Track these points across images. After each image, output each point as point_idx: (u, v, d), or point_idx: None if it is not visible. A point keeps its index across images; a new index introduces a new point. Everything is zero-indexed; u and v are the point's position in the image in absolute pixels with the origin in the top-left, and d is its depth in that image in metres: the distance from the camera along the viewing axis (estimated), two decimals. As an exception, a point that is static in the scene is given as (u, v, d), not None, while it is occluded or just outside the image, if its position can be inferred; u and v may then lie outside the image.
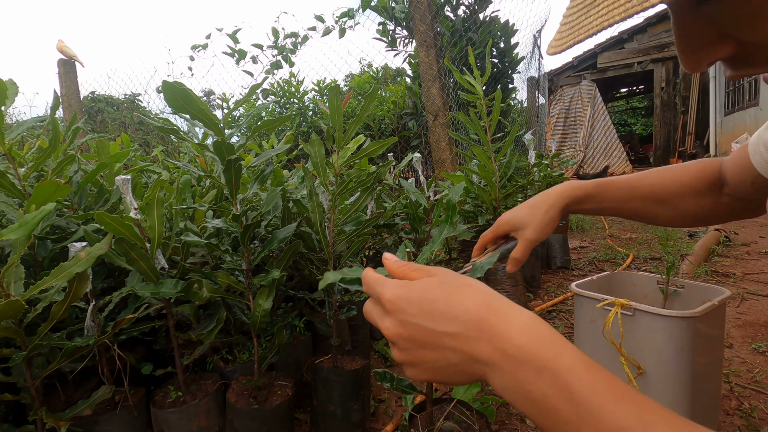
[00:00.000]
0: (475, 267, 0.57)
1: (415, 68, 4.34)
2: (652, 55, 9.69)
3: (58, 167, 0.97)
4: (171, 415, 0.90)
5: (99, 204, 1.08)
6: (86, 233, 0.86)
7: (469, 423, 0.76)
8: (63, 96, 3.37)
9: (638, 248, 2.85)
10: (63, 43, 3.35)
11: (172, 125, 0.85)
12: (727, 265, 2.36)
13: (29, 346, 0.72)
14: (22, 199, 0.90)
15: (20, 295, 0.70)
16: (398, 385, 0.79)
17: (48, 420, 0.75)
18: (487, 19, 4.12)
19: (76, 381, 0.97)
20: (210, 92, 6.64)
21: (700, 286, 1.02)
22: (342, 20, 4.24)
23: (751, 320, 1.64)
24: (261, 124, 0.85)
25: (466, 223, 1.93)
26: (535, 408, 0.31)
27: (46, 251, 0.93)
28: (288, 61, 4.50)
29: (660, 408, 0.28)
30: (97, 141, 1.10)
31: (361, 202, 1.00)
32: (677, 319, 0.84)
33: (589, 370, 0.30)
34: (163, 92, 0.70)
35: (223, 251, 0.91)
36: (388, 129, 4.73)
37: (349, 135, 0.89)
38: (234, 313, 0.99)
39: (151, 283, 0.85)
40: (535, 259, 2.03)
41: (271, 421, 0.92)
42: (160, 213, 0.84)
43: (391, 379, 0.79)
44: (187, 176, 1.13)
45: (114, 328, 0.79)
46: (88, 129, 5.51)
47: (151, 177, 1.47)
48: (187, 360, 0.96)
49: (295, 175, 1.56)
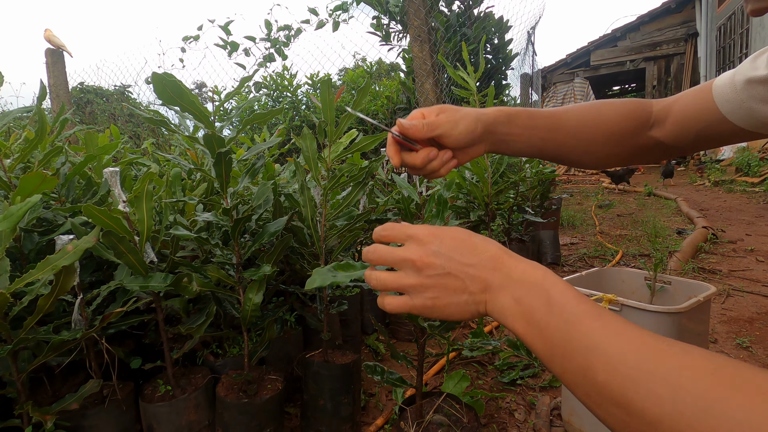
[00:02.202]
0: None
1: (409, 63, 4.33)
2: (645, 54, 9.76)
3: (44, 159, 0.95)
4: (160, 409, 0.90)
5: (87, 196, 1.06)
6: (73, 226, 0.85)
7: (458, 416, 0.77)
8: (51, 86, 3.31)
9: (628, 245, 2.89)
10: (51, 33, 3.28)
11: (162, 117, 0.84)
12: (714, 262, 2.40)
13: (15, 339, 0.71)
14: (8, 190, 0.89)
15: (5, 288, 0.69)
16: (388, 378, 0.79)
17: (34, 414, 0.74)
18: (481, 14, 4.11)
19: (64, 375, 0.96)
20: (202, 84, 6.56)
21: (686, 283, 1.04)
22: (336, 13, 4.20)
23: (735, 316, 1.68)
24: (252, 117, 0.84)
25: (459, 219, 1.93)
26: (523, 319, 0.38)
27: (32, 244, 0.91)
28: (281, 54, 4.46)
29: (613, 315, 0.35)
30: (86, 132, 1.09)
31: (353, 197, 1.00)
32: (663, 314, 0.85)
33: (565, 288, 0.38)
34: (153, 84, 0.69)
35: (214, 245, 0.90)
36: (381, 124, 4.71)
37: (342, 129, 0.88)
38: (224, 307, 0.99)
39: (140, 276, 0.84)
40: (527, 255, 2.05)
41: (261, 415, 0.92)
42: (149, 206, 0.83)
43: (381, 372, 0.80)
44: (177, 169, 1.12)
45: (102, 322, 0.78)
46: (77, 120, 5.42)
47: (141, 169, 1.45)
48: (177, 354, 0.96)
49: (287, 169, 1.56)
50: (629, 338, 0.32)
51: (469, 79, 1.65)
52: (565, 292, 0.37)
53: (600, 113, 0.67)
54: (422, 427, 0.74)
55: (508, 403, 1.22)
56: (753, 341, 1.47)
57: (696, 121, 0.60)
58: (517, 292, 0.39)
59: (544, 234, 2.48)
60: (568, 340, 0.34)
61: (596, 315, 0.35)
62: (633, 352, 0.31)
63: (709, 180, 6.04)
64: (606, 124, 0.66)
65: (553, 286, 0.38)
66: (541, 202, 2.33)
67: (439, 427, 0.74)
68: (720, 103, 0.57)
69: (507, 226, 2.05)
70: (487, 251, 0.42)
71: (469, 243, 0.42)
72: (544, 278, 0.39)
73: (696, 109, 0.60)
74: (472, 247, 0.42)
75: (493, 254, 0.41)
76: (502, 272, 0.40)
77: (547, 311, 0.37)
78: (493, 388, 1.30)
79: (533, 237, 2.41)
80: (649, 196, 5.32)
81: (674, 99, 0.65)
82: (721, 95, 0.57)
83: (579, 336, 0.34)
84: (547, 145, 0.66)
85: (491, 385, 1.32)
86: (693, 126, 0.61)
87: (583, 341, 0.34)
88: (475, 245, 0.42)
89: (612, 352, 0.32)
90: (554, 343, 0.35)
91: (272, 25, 4.36)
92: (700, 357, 0.30)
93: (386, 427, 1.11)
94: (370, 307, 1.62)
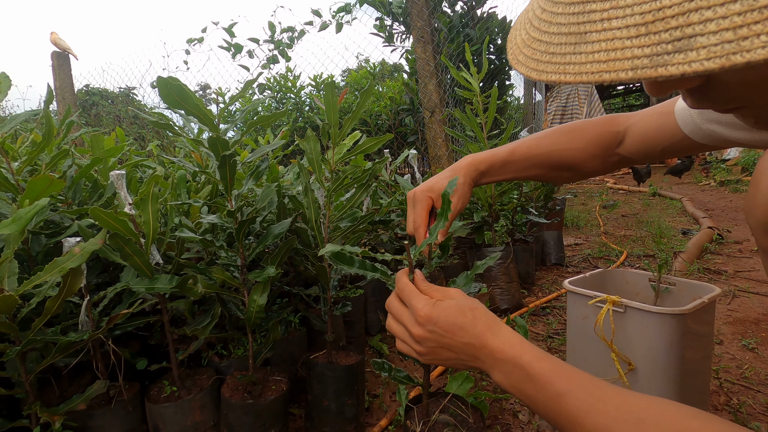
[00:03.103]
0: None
1: (412, 64, 4.33)
2: (649, 53, 9.68)
3: (51, 162, 0.96)
4: (166, 410, 0.90)
5: (93, 199, 1.07)
6: (80, 228, 0.86)
7: (464, 416, 0.77)
8: (57, 89, 3.34)
9: (632, 246, 2.88)
10: (57, 36, 3.31)
11: (167, 120, 0.85)
12: (720, 263, 2.39)
13: (23, 341, 0.72)
14: (16, 193, 0.90)
15: (14, 290, 0.70)
16: (396, 375, 0.80)
17: (42, 414, 0.75)
18: (484, 15, 4.11)
19: (71, 376, 0.97)
20: (206, 86, 6.60)
21: (691, 284, 1.04)
22: (339, 15, 4.22)
23: (741, 317, 1.67)
24: (257, 119, 0.85)
25: (462, 220, 1.93)
26: (515, 391, 0.47)
27: (40, 246, 0.92)
28: (284, 56, 4.47)
29: (581, 376, 0.43)
30: (92, 135, 1.10)
31: (356, 199, 1.00)
32: (667, 315, 0.85)
33: (540, 360, 0.45)
34: (158, 88, 0.70)
35: (218, 247, 0.91)
36: (384, 125, 4.72)
37: (345, 131, 0.89)
38: (229, 308, 0.99)
39: (145, 278, 0.85)
40: (530, 256, 2.04)
41: (265, 415, 0.93)
42: (154, 208, 0.84)
43: (389, 369, 0.80)
44: (182, 171, 1.12)
45: (108, 323, 0.79)
46: (83, 123, 5.46)
47: (146, 172, 1.46)
48: (182, 355, 0.96)
49: (291, 171, 1.56)
50: (606, 413, 0.39)
51: (472, 80, 1.65)
52: (543, 366, 0.45)
53: (570, 136, 0.75)
54: (428, 426, 0.74)
55: (512, 404, 1.22)
56: (759, 342, 1.46)
57: (661, 139, 0.67)
58: (504, 369, 0.47)
59: (548, 235, 2.47)
60: (557, 412, 0.43)
61: (570, 389, 0.42)
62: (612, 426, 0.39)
63: (714, 180, 5.99)
64: (576, 153, 0.75)
65: (530, 364, 0.45)
66: (544, 202, 2.32)
67: (445, 427, 0.74)
68: (682, 125, 0.63)
69: (511, 227, 2.05)
70: (474, 329, 0.50)
71: (460, 323, 0.51)
72: (521, 356, 0.46)
73: (661, 130, 0.66)
74: (462, 328, 0.50)
75: (479, 332, 0.50)
76: (486, 351, 0.49)
77: (533, 387, 0.45)
78: (497, 389, 1.30)
79: (537, 238, 2.40)
80: (654, 196, 5.30)
81: (637, 119, 0.71)
82: (681, 118, 0.63)
83: (565, 412, 0.42)
84: (525, 177, 0.80)
85: (495, 387, 1.32)
86: (659, 143, 0.67)
87: (570, 416, 0.41)
88: (464, 327, 0.50)
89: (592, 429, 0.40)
90: (545, 413, 0.44)
91: (276, 27, 4.38)
92: (674, 423, 0.37)
93: (390, 428, 1.11)
94: (374, 309, 1.63)
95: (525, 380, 0.45)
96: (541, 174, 0.79)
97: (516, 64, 0.31)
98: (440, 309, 0.52)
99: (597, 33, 0.24)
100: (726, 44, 0.20)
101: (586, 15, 0.25)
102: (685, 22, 0.21)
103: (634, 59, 0.23)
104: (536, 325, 1.70)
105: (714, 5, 0.21)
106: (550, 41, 0.28)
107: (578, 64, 0.25)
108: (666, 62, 0.22)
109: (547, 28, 0.28)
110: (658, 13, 0.22)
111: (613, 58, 0.23)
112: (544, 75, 0.28)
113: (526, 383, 0.45)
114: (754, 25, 0.20)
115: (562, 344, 1.51)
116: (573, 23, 0.26)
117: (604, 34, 0.24)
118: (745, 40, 0.20)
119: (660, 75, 0.22)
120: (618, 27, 0.23)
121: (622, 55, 0.23)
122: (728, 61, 0.20)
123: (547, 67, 0.28)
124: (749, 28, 0.20)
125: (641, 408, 0.38)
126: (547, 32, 0.28)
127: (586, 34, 0.25)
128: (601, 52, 0.24)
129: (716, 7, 0.20)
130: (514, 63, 0.31)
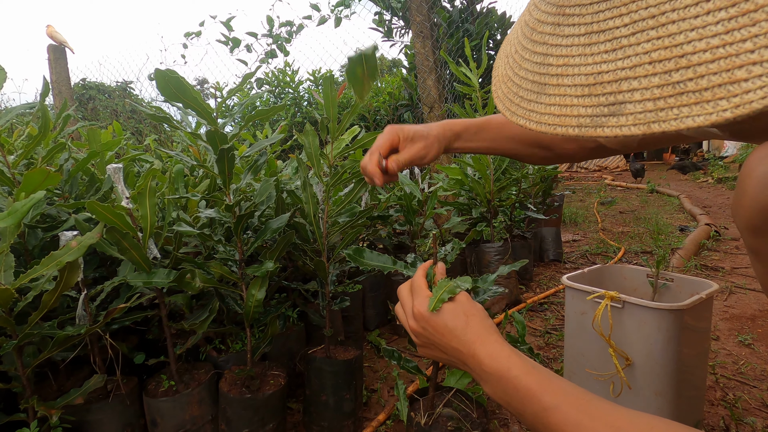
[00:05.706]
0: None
1: (411, 59, 4.31)
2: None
3: (48, 155, 0.95)
4: (164, 404, 0.90)
5: (90, 193, 1.06)
6: (77, 222, 0.86)
7: (468, 411, 0.77)
8: (53, 82, 3.31)
9: (630, 242, 2.88)
10: (53, 29, 3.28)
11: (165, 113, 0.84)
12: (717, 259, 2.40)
13: (20, 334, 0.72)
14: (12, 187, 0.89)
15: (10, 284, 0.69)
16: (405, 365, 0.81)
17: (39, 408, 0.75)
18: (483, 10, 4.09)
19: (68, 370, 0.97)
20: (204, 81, 6.56)
21: (688, 280, 1.04)
22: (338, 9, 4.19)
23: (738, 313, 1.67)
24: (255, 113, 0.84)
25: (461, 216, 1.93)
26: (504, 403, 0.48)
27: (36, 240, 0.92)
28: (283, 50, 4.45)
29: (570, 390, 0.44)
30: (89, 129, 1.09)
31: (355, 194, 1.00)
32: (665, 311, 0.85)
33: (528, 373, 0.46)
34: (156, 80, 0.70)
35: (216, 241, 0.90)
36: (383, 120, 4.71)
37: (344, 126, 0.88)
38: (227, 303, 0.99)
39: (143, 272, 0.85)
40: (528, 252, 2.05)
41: (263, 410, 0.93)
42: (152, 202, 0.84)
43: (399, 357, 0.81)
44: (179, 165, 1.12)
45: (106, 318, 0.79)
46: (79, 116, 5.43)
47: (144, 166, 1.46)
48: (180, 350, 0.96)
49: (290, 165, 1.56)
50: (594, 429, 0.40)
51: (471, 75, 1.65)
52: (530, 380, 0.45)
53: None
54: (432, 418, 0.75)
55: (510, 399, 1.23)
56: (755, 338, 1.47)
57: None
58: (491, 381, 0.49)
59: (547, 231, 2.47)
60: (544, 426, 0.43)
61: (557, 404, 0.43)
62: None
63: (712, 177, 6.01)
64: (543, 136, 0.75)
65: (517, 378, 0.46)
66: (543, 198, 2.32)
67: (449, 420, 0.74)
68: None
69: (509, 223, 2.05)
70: (464, 336, 0.52)
71: (451, 326, 0.52)
72: (509, 370, 0.47)
73: None
74: (452, 331, 0.52)
75: (469, 339, 0.51)
76: (474, 361, 0.50)
77: (520, 402, 0.46)
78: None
79: (535, 234, 2.40)
80: (651, 193, 5.31)
81: None
82: None
83: (552, 427, 0.43)
84: (500, 151, 0.79)
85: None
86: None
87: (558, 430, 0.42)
88: (454, 330, 0.52)
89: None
90: (533, 426, 0.45)
91: (274, 21, 4.35)
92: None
93: (388, 422, 1.12)
94: (372, 304, 1.63)
95: (512, 394, 0.46)
96: (515, 149, 0.78)
97: (496, 99, 0.32)
98: (435, 320, 0.54)
99: (552, 87, 0.26)
100: (648, 113, 0.22)
101: (545, 67, 0.27)
102: (617, 89, 0.23)
103: (580, 117, 0.25)
104: (534, 321, 1.71)
105: (639, 76, 0.22)
106: (520, 84, 0.29)
107: (539, 114, 0.27)
108: (603, 123, 0.23)
109: (518, 70, 0.30)
110: (598, 76, 0.24)
111: (565, 114, 0.25)
112: (515, 117, 0.29)
113: (513, 397, 0.46)
114: (669, 98, 0.22)
115: (559, 339, 1.52)
116: (536, 72, 0.28)
117: (558, 89, 0.26)
118: (662, 111, 0.22)
119: (599, 135, 0.24)
120: (568, 84, 0.25)
121: (571, 111, 0.25)
122: (648, 129, 0.22)
123: (517, 110, 0.29)
124: (665, 101, 0.22)
125: (629, 424, 0.39)
126: (518, 75, 0.30)
127: (545, 86, 0.27)
128: (556, 105, 0.26)
129: (641, 78, 0.22)
130: (494, 97, 0.33)
